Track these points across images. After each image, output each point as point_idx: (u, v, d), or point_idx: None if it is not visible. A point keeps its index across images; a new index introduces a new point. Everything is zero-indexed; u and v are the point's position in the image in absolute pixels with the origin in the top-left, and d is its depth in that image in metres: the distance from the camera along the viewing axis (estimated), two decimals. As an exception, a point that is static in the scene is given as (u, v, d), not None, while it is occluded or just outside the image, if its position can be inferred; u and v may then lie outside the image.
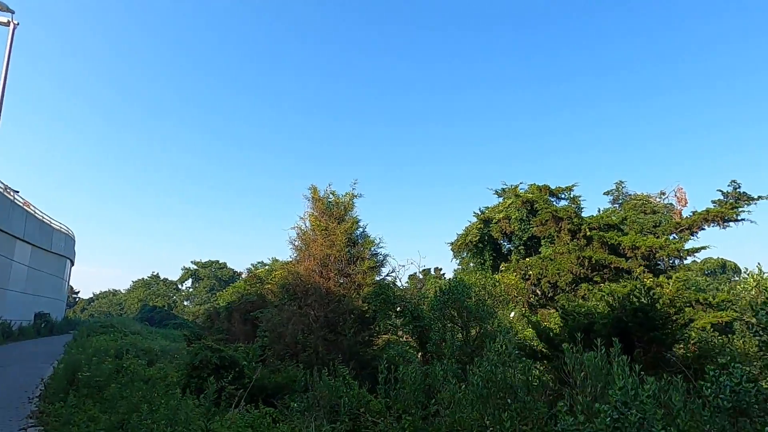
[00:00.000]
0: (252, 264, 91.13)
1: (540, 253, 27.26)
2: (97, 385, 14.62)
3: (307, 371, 16.26)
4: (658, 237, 24.57)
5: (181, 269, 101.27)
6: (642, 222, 26.85)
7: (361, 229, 20.11)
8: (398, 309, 15.32)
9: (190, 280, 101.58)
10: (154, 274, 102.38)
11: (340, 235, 19.09)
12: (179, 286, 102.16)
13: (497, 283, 20.14)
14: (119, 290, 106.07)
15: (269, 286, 26.38)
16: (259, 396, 14.09)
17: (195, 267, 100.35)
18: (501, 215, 28.13)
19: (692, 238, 25.12)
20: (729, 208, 26.05)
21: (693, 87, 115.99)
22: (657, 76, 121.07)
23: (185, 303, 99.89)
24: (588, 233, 24.46)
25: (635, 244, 23.60)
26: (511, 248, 28.58)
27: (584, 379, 7.59)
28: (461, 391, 9.08)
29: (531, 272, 25.79)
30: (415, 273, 30.27)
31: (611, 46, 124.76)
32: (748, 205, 26.69)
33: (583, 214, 26.24)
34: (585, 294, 22.05)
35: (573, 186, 27.85)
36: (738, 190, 28.20)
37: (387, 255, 20.08)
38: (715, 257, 54.99)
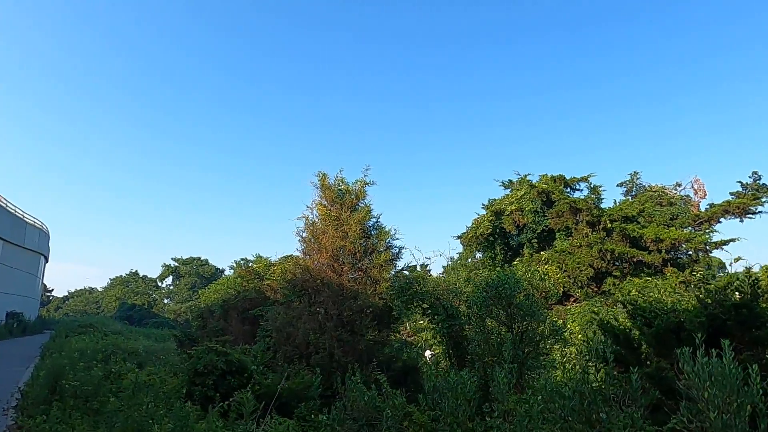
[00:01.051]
0: (235, 261, 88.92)
1: (554, 246, 25.93)
2: (84, 395, 12.73)
3: (322, 376, 14.62)
4: (682, 229, 23.42)
5: (161, 266, 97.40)
6: (658, 214, 25.68)
7: (374, 219, 18.47)
8: (425, 306, 13.72)
9: (170, 278, 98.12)
10: (133, 271, 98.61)
11: (353, 226, 17.42)
12: (159, 284, 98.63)
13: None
14: (96, 288, 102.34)
15: (269, 282, 24.58)
16: (271, 405, 12.40)
17: (175, 264, 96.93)
18: (513, 207, 26.71)
19: (714, 231, 24.02)
20: (751, 199, 25.04)
21: (700, 86, 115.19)
22: (667, 76, 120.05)
23: (165, 301, 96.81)
24: (609, 225, 23.16)
25: (659, 237, 22.37)
26: (524, 241, 27.19)
27: (709, 390, 6.08)
28: (531, 401, 7.55)
29: (546, 267, 24.40)
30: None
31: (623, 47, 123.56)
32: (755, 199, 25.74)
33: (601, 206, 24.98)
34: (610, 289, 20.77)
35: (589, 176, 26.66)
36: (758, 181, 27.27)
37: (403, 247, 18.49)
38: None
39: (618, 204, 26.08)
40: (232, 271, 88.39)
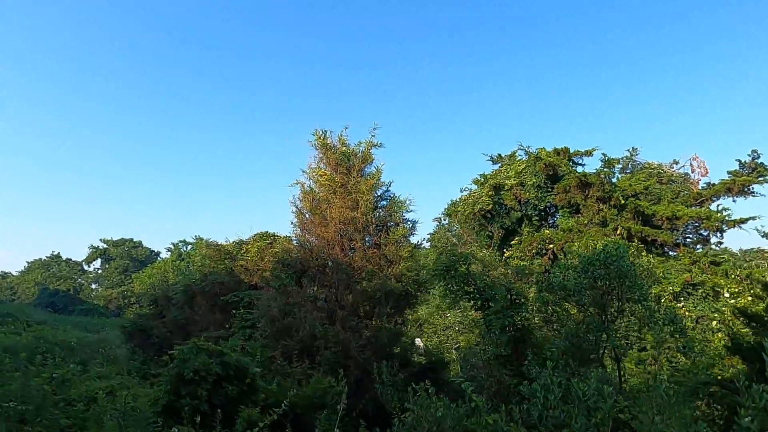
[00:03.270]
0: (173, 243, 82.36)
1: (555, 224, 24.06)
2: (17, 415, 9.24)
3: (338, 377, 11.69)
4: (699, 206, 22.08)
5: (88, 248, 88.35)
6: (663, 192, 24.34)
7: (383, 188, 15.51)
8: (469, 290, 11.02)
9: (98, 261, 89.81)
10: (55, 253, 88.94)
11: (366, 194, 14.42)
12: (86, 267, 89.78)
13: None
14: (10, 273, 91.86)
15: (242, 263, 21.07)
16: (287, 422, 9.40)
17: (104, 246, 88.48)
18: (513, 181, 24.51)
19: (726, 209, 22.88)
20: (756, 177, 24.17)
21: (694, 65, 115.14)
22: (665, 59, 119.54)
23: (93, 286, 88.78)
24: (622, 202, 21.39)
25: (675, 214, 20.88)
26: (522, 219, 25.10)
27: None
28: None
29: (551, 247, 22.42)
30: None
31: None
32: (760, 176, 25.02)
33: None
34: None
35: (593, 150, 24.84)
36: (756, 160, 26.55)
37: (417, 222, 15.63)
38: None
39: (619, 180, 24.54)
40: (169, 253, 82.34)
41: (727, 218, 21.17)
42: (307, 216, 14.90)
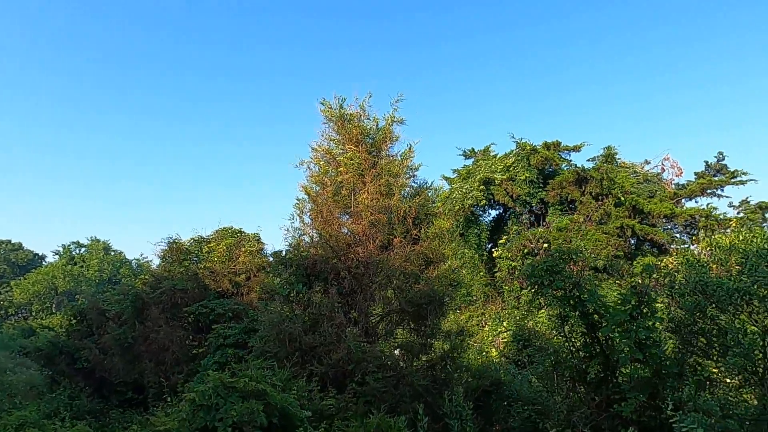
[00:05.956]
0: (62, 245, 72.00)
1: (546, 223, 22.72)
2: None
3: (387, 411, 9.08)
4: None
5: (-47, 252, 76.48)
6: (653, 190, 23.98)
7: (410, 172, 12.87)
8: (561, 293, 8.78)
9: (-35, 266, 77.12)
10: None
11: (401, 177, 11.76)
12: (-54, 273, 77.05)
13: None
14: None
15: (209, 264, 17.29)
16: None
17: (-27, 248, 76.68)
18: (502, 176, 22.83)
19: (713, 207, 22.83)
20: (729, 178, 24.56)
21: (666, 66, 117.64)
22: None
23: (-41, 295, 76.22)
24: (622, 198, 20.44)
25: (674, 212, 20.28)
26: (511, 215, 23.52)
27: None
28: None
29: (545, 246, 20.94)
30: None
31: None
32: (733, 177, 25.64)
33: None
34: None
35: (582, 145, 23.88)
36: (721, 162, 27.20)
37: (437, 213, 13.16)
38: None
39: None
40: (57, 257, 71.53)
41: (721, 217, 20.98)
42: (318, 205, 11.87)
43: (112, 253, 76.03)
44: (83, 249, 76.07)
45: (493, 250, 22.93)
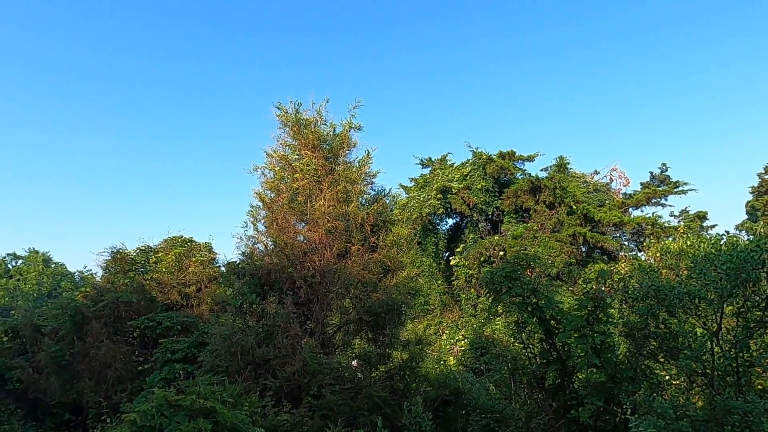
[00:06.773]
0: (8, 254, 67.46)
1: (502, 231, 23.02)
2: None
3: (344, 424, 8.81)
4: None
5: None
6: (603, 199, 24.78)
7: (368, 179, 12.69)
8: (519, 300, 8.78)
9: None
10: None
11: (359, 183, 11.57)
12: None
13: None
14: None
15: (157, 275, 16.41)
16: None
17: None
18: (459, 185, 23.00)
19: (658, 215, 23.81)
20: (672, 187, 25.76)
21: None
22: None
23: None
24: (574, 207, 20.98)
25: (622, 220, 20.99)
26: (468, 224, 23.69)
27: None
28: None
29: (501, 254, 21.22)
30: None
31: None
32: (676, 188, 26.92)
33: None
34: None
35: (536, 155, 24.40)
36: (665, 173, 28.54)
37: (395, 220, 13.05)
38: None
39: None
40: None
41: (666, 225, 21.89)
42: (273, 212, 11.48)
43: (53, 266, 71.90)
44: (20, 261, 71.54)
45: (450, 258, 23.03)
